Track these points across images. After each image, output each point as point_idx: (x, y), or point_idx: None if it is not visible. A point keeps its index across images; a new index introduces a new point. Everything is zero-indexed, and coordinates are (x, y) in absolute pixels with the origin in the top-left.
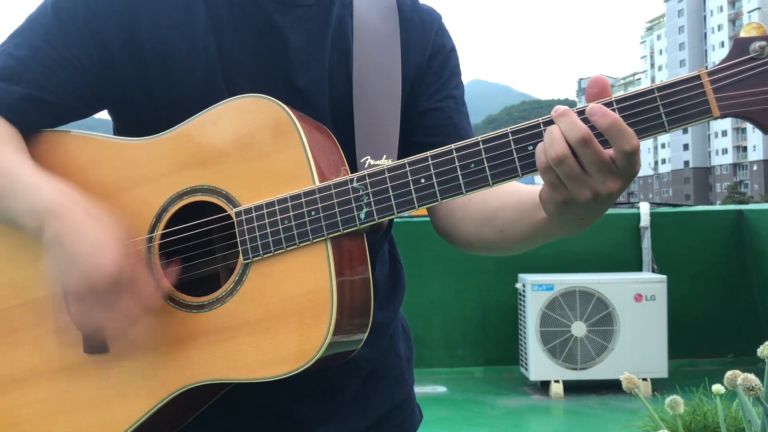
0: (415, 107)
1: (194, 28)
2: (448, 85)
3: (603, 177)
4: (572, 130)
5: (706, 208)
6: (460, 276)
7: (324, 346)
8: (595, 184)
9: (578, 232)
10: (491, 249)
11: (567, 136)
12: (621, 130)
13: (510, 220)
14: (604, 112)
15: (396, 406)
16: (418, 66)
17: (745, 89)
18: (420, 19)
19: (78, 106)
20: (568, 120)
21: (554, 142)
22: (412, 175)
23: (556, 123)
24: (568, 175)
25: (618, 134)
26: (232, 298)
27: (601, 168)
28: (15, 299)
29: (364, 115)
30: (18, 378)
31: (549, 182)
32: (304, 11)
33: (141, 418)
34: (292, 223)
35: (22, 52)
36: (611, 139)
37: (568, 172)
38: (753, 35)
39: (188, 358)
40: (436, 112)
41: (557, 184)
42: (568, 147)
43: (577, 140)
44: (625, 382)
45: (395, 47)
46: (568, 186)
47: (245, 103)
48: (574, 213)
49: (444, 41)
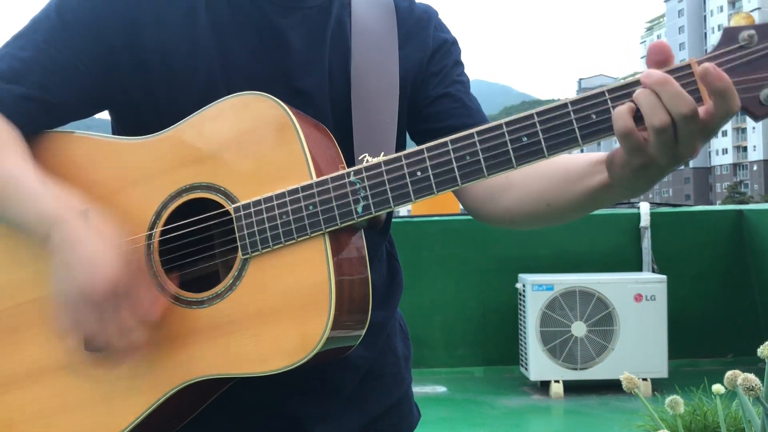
0: (423, 98)
1: (196, 30)
2: (453, 72)
3: (693, 142)
4: (679, 102)
5: (706, 208)
6: (460, 276)
7: (323, 339)
8: (681, 149)
9: (641, 194)
10: (537, 222)
11: (670, 107)
12: (734, 92)
13: (557, 191)
14: (720, 74)
15: (393, 404)
16: (418, 63)
17: (735, 77)
18: (417, 18)
19: (80, 107)
20: (673, 90)
21: (656, 110)
22: (408, 168)
23: (656, 90)
24: (662, 143)
25: (731, 96)
26: (231, 293)
27: (696, 135)
28: (16, 298)
29: (362, 113)
30: (20, 376)
31: (629, 148)
32: (304, 13)
33: (142, 414)
34: (290, 218)
35: (25, 54)
36: (722, 100)
37: (665, 140)
38: (742, 24)
39: (188, 354)
40: (444, 97)
41: (640, 149)
42: (670, 117)
43: (685, 114)
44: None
45: (393, 46)
46: (655, 151)
47: (243, 100)
48: (649, 175)
49: (443, 35)
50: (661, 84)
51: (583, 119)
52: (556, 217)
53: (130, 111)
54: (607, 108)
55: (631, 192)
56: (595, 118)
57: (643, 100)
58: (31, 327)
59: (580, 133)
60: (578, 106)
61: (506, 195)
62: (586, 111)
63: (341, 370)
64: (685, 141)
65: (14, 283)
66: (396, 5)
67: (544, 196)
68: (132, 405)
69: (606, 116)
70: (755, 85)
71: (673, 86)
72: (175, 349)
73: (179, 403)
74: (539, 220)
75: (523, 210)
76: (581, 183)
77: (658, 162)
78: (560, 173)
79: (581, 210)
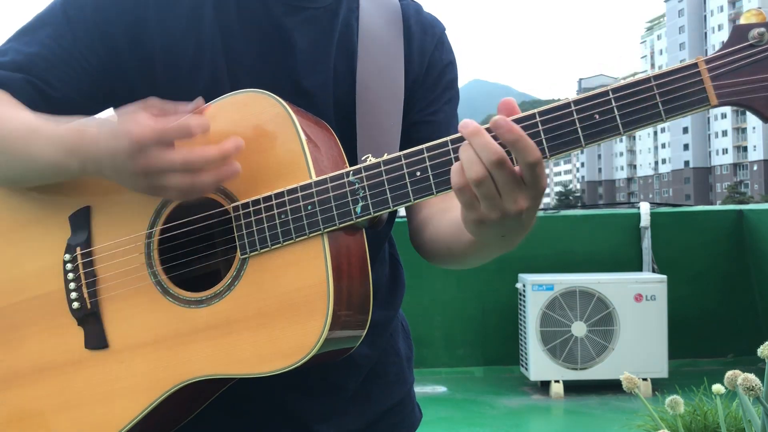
0: (407, 119)
1: (201, 28)
2: (441, 99)
3: (514, 196)
4: (487, 151)
5: (706, 208)
6: (460, 276)
7: (320, 341)
8: (505, 204)
9: (509, 248)
10: (444, 262)
11: (482, 157)
12: (526, 143)
13: (453, 239)
14: (510, 126)
15: (395, 404)
16: (414, 76)
17: (744, 77)
18: (422, 30)
19: (84, 103)
20: (482, 141)
21: (473, 163)
22: (407, 168)
23: (470, 143)
24: (485, 196)
25: (524, 148)
26: (229, 293)
27: (513, 187)
28: (18, 296)
29: (366, 114)
30: (21, 374)
31: (464, 202)
32: (311, 13)
33: (141, 413)
34: (289, 217)
35: (30, 49)
36: (516, 153)
37: (486, 192)
38: (753, 22)
39: (187, 354)
40: (426, 125)
41: (472, 203)
42: (486, 168)
43: (493, 162)
44: (625, 382)
45: (398, 51)
46: (482, 205)
47: (243, 98)
48: (491, 231)
49: (442, 55)
50: (473, 135)
51: (586, 119)
52: (457, 261)
53: None
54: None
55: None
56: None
57: (462, 155)
58: (33, 324)
59: (547, 144)
60: (545, 117)
61: (425, 231)
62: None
63: (344, 369)
64: (506, 194)
65: (18, 280)
66: (403, 12)
67: (447, 241)
68: (131, 404)
69: (572, 128)
70: (765, 85)
71: (482, 137)
72: (173, 348)
73: (178, 402)
74: (445, 262)
75: (433, 250)
76: (463, 233)
77: (487, 218)
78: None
79: (475, 257)
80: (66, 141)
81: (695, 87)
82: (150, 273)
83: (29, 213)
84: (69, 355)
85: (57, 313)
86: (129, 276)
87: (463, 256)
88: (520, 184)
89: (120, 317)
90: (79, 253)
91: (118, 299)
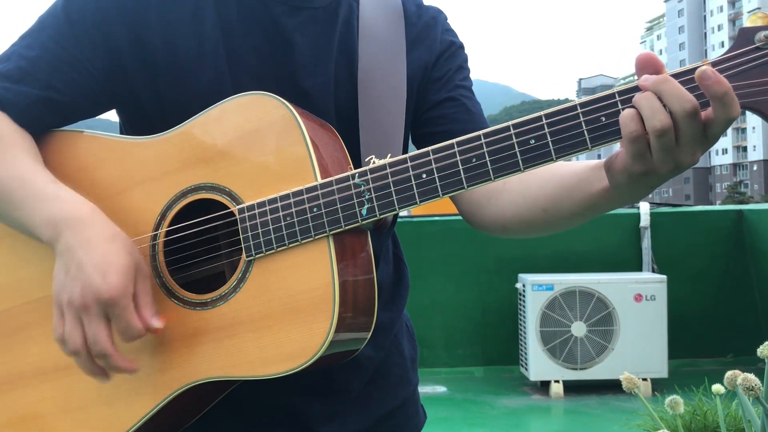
0: (426, 101)
1: (203, 29)
2: (457, 76)
3: (693, 148)
4: (680, 99)
5: (706, 208)
6: (460, 276)
7: (326, 343)
8: (682, 155)
9: (638, 200)
10: (531, 231)
11: (672, 106)
12: (733, 96)
13: (555, 198)
14: (718, 78)
15: (399, 405)
16: (424, 66)
17: (750, 79)
18: (425, 21)
19: (87, 105)
20: (673, 88)
21: (656, 111)
22: (413, 170)
23: (656, 91)
24: (664, 147)
25: (731, 101)
26: (235, 295)
27: (697, 139)
28: (23, 297)
29: (369, 115)
30: (26, 375)
31: (634, 153)
32: (310, 14)
33: (145, 415)
34: (294, 219)
35: (32, 53)
36: (722, 106)
37: (667, 143)
38: (758, 25)
39: (192, 356)
40: (446, 101)
41: (643, 155)
42: (671, 117)
43: (687, 111)
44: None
45: (400, 49)
46: (656, 157)
47: (248, 100)
48: (649, 182)
49: (451, 39)
50: (661, 83)
51: (592, 122)
52: (551, 224)
53: (137, 110)
54: (617, 111)
55: (629, 198)
56: (605, 121)
57: (643, 103)
58: (37, 326)
59: (589, 136)
60: (587, 108)
61: (501, 200)
62: (595, 113)
63: (348, 370)
64: (686, 145)
65: (22, 282)
66: (404, 9)
67: (540, 203)
68: (135, 406)
69: (615, 119)
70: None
71: (672, 84)
72: (178, 350)
73: (183, 405)
74: (533, 227)
75: (517, 216)
76: (579, 189)
77: (659, 170)
78: (557, 179)
79: (578, 218)
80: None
81: (699, 90)
82: (155, 275)
83: None
84: None
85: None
86: None
87: (564, 218)
88: (704, 136)
89: None
90: None
91: None
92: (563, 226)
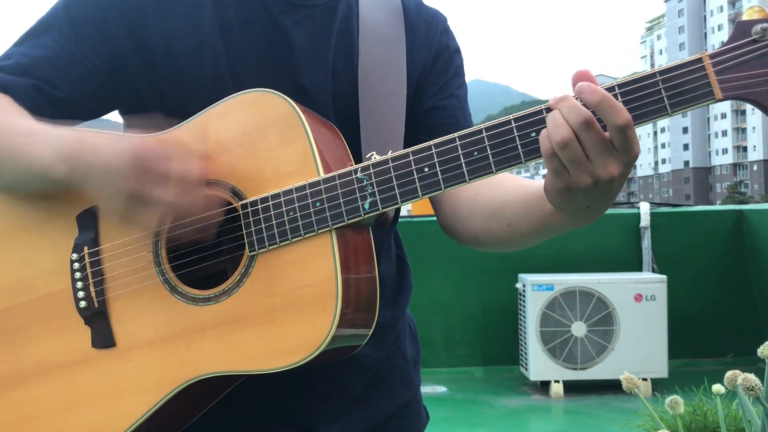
0: (419, 106)
1: (202, 27)
2: (452, 84)
3: (604, 160)
4: (573, 113)
5: (706, 208)
6: (460, 276)
7: (328, 337)
8: (595, 169)
9: (586, 223)
10: (498, 244)
11: (569, 120)
12: (612, 105)
13: (517, 213)
14: (592, 88)
15: (401, 407)
16: (423, 66)
17: (747, 71)
18: (425, 21)
19: (89, 105)
20: (569, 104)
21: (557, 126)
22: (415, 164)
23: (557, 108)
24: (571, 160)
25: (610, 109)
26: (238, 290)
27: (602, 151)
28: (25, 296)
29: (369, 111)
30: (28, 373)
31: (552, 169)
32: (309, 11)
33: (148, 411)
34: (297, 214)
35: (34, 53)
36: (603, 116)
37: (572, 156)
38: (755, 18)
39: (195, 351)
40: (439, 110)
41: (560, 170)
42: (572, 131)
43: (579, 123)
44: (625, 382)
45: (400, 47)
46: (570, 172)
47: (251, 97)
48: (578, 200)
49: (448, 41)
50: (561, 101)
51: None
52: (513, 240)
53: (139, 109)
54: None
55: (574, 220)
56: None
57: (548, 120)
58: (39, 324)
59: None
60: None
61: (474, 210)
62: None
63: (349, 370)
64: (595, 158)
65: (23, 281)
66: (404, 7)
67: (506, 216)
68: (138, 402)
69: None
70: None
71: (569, 101)
72: (181, 345)
73: (185, 400)
74: (501, 241)
75: (485, 228)
76: (537, 208)
77: (578, 183)
78: (521, 195)
79: (537, 236)
80: (62, 144)
81: (700, 81)
82: (158, 271)
83: (36, 214)
84: (75, 354)
85: (64, 312)
86: (136, 274)
87: (525, 234)
88: (609, 148)
89: (127, 316)
90: (86, 252)
91: (126, 298)
92: (526, 242)
